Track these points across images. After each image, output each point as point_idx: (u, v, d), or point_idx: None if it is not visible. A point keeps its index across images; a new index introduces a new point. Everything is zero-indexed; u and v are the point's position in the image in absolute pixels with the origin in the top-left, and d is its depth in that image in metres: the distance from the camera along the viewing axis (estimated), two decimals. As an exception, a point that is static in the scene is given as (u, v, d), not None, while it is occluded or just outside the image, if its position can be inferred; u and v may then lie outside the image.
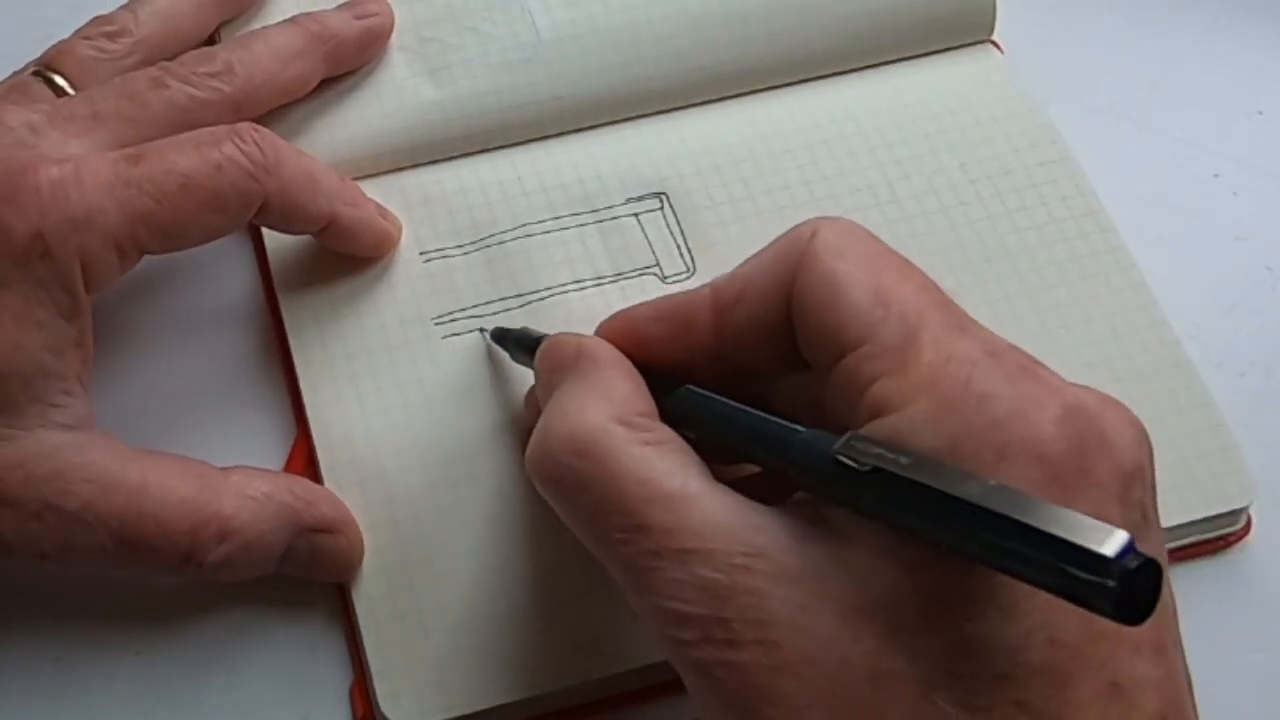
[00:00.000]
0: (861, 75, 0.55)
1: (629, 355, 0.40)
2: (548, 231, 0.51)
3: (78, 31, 0.49)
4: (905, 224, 0.51)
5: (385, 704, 0.43)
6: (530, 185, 0.52)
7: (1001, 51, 0.56)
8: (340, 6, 0.53)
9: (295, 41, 0.50)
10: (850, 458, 0.33)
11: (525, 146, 0.53)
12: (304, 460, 0.48)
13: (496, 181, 0.52)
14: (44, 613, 0.45)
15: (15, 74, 0.49)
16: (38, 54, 0.49)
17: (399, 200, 0.51)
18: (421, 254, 0.50)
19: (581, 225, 0.51)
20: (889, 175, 0.52)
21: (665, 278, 0.50)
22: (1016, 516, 0.30)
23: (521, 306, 0.49)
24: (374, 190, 0.51)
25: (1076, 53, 0.58)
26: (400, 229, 0.50)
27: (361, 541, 0.45)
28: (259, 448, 0.48)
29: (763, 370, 0.40)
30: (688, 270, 0.50)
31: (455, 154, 0.52)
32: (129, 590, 0.45)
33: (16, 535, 0.41)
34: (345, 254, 0.50)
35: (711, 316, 0.40)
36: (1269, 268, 0.53)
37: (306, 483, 0.46)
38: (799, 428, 0.36)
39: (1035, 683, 0.32)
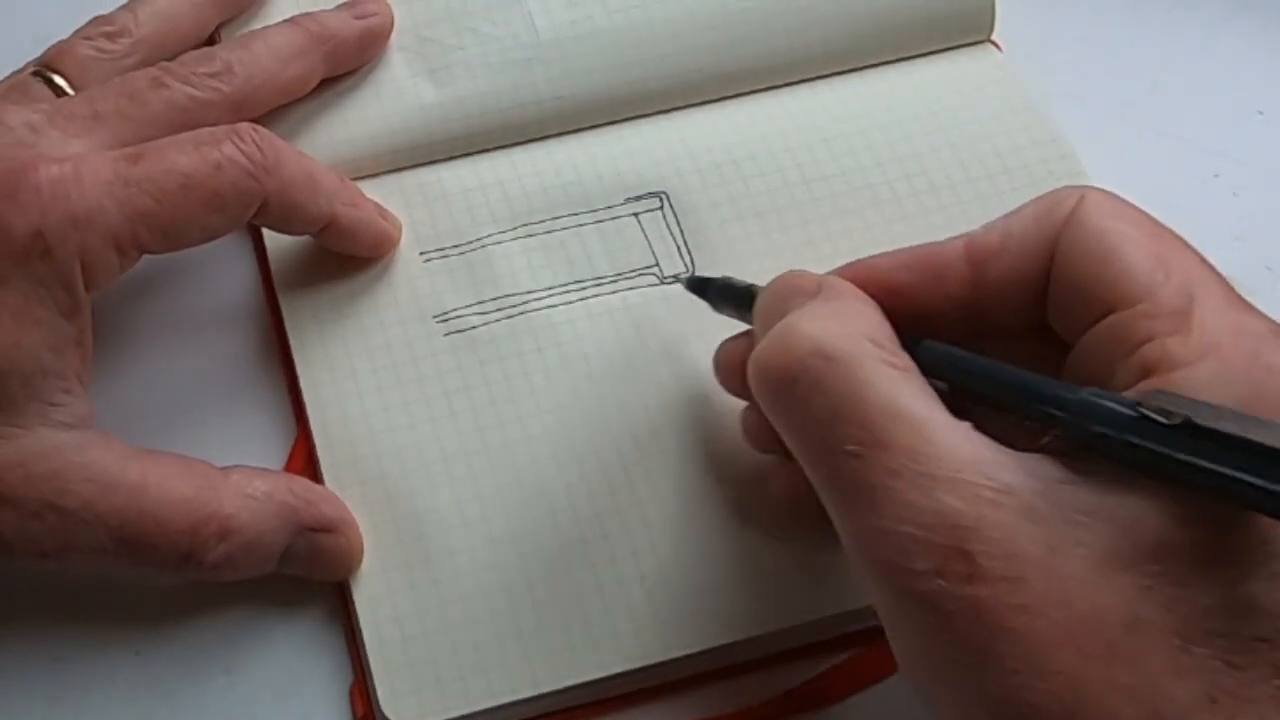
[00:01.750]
0: (861, 75, 0.55)
1: (881, 299, 0.39)
2: (548, 231, 0.51)
3: (77, 31, 0.49)
4: (905, 223, 0.51)
5: (385, 704, 0.43)
6: (530, 185, 0.52)
7: (1001, 51, 0.56)
8: (340, 6, 0.53)
9: (295, 41, 0.50)
10: (1157, 411, 0.33)
11: (525, 146, 0.53)
12: (304, 460, 0.48)
13: (496, 181, 0.52)
14: (44, 613, 0.45)
15: (15, 74, 0.49)
16: (38, 54, 0.49)
17: (399, 200, 0.51)
18: (421, 254, 0.50)
19: (581, 225, 0.51)
20: (889, 175, 0.52)
21: (665, 278, 0.50)
22: None
23: (521, 306, 0.49)
24: (374, 190, 0.51)
25: (1076, 53, 0.58)
26: (400, 229, 0.50)
27: (361, 541, 0.45)
28: (259, 447, 0.48)
29: (1008, 329, 0.39)
30: (687, 270, 0.50)
31: (455, 154, 0.52)
32: (129, 590, 0.45)
33: (16, 535, 0.41)
34: (345, 254, 0.49)
35: (967, 268, 0.39)
36: (1269, 268, 0.53)
37: (306, 482, 0.46)
38: (1072, 385, 0.35)
39: None
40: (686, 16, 0.53)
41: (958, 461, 0.34)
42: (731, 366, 0.43)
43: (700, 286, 0.46)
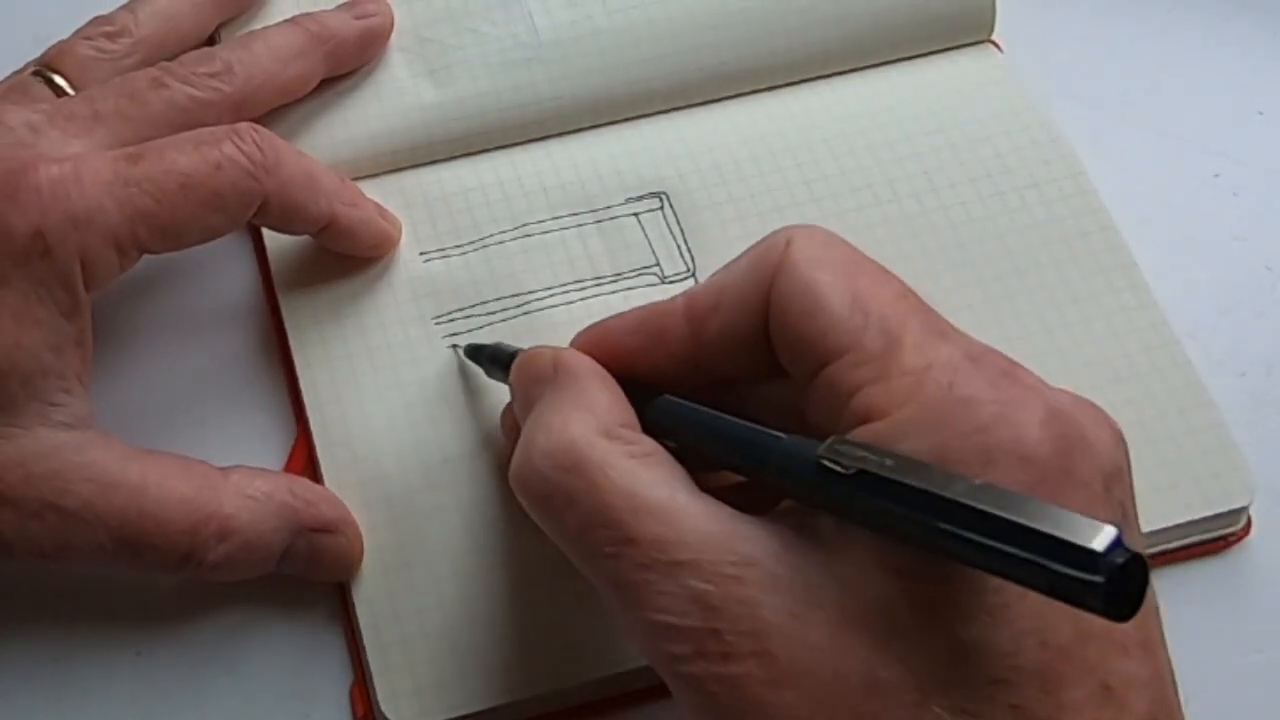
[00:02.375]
0: (861, 75, 0.55)
1: (606, 367, 0.40)
2: (548, 231, 0.51)
3: (78, 31, 0.49)
4: (905, 223, 0.51)
5: (385, 704, 0.43)
6: (530, 185, 0.52)
7: (1001, 51, 0.56)
8: (340, 7, 0.53)
9: (295, 41, 0.50)
10: (834, 461, 0.33)
11: (525, 146, 0.53)
12: (304, 460, 0.48)
13: (496, 181, 0.52)
14: (44, 613, 0.45)
15: (15, 74, 0.49)
16: (38, 54, 0.49)
17: (399, 200, 0.51)
18: (421, 254, 0.50)
19: (581, 225, 0.51)
20: (889, 175, 0.52)
21: (665, 277, 0.50)
22: (1003, 514, 0.29)
23: (521, 306, 0.49)
24: (374, 190, 0.51)
25: (1076, 53, 0.58)
26: (400, 229, 0.50)
27: (361, 541, 0.45)
28: (259, 448, 0.48)
29: (740, 378, 0.40)
30: (688, 270, 0.50)
31: (455, 154, 0.52)
32: (129, 590, 0.45)
33: (16, 534, 0.42)
34: (345, 254, 0.49)
35: (686, 327, 0.39)
36: (1269, 268, 0.53)
37: (306, 482, 0.46)
38: (780, 434, 0.36)
39: (1029, 686, 0.32)
40: (686, 16, 0.53)
41: (700, 542, 0.34)
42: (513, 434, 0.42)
43: (474, 354, 0.47)
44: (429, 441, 0.47)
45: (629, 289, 0.50)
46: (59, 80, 0.48)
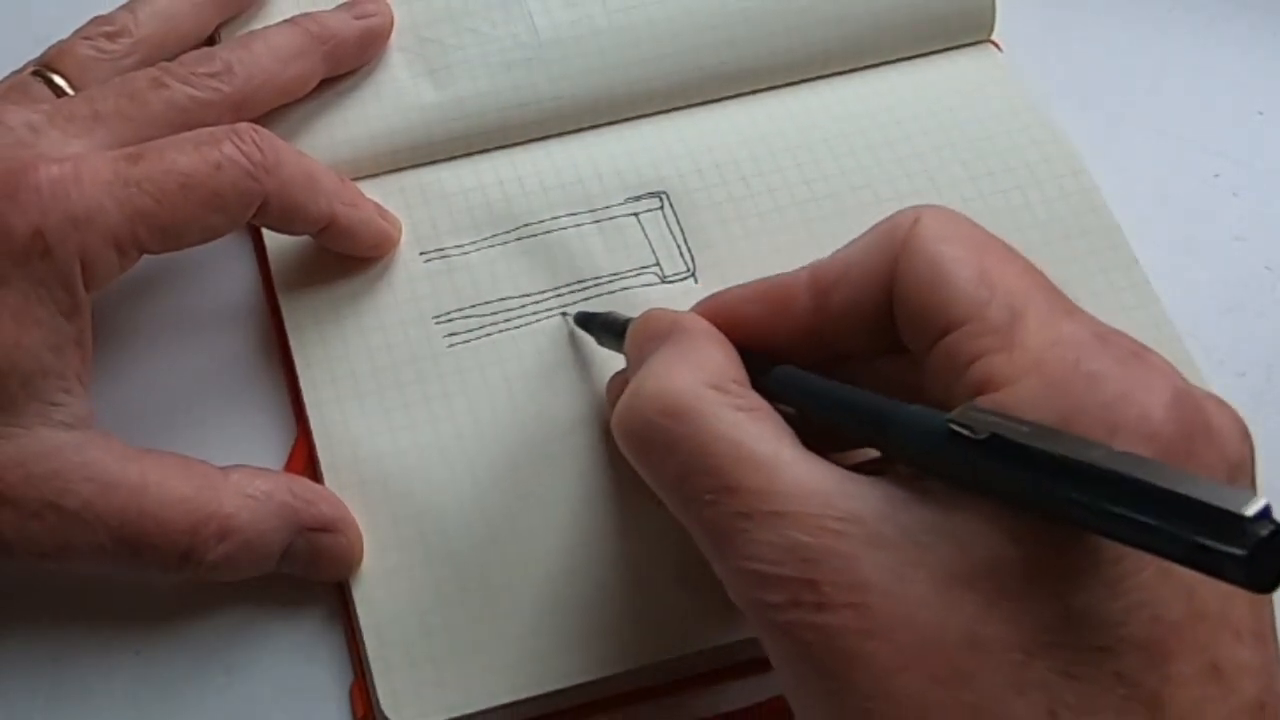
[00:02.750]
0: (861, 75, 0.55)
1: (724, 335, 0.40)
2: (548, 231, 0.51)
3: (77, 31, 0.49)
4: (905, 223, 0.51)
5: (386, 704, 0.43)
6: (530, 185, 0.52)
7: (1001, 51, 0.56)
8: (339, 7, 0.53)
9: (295, 42, 0.50)
10: (965, 426, 0.33)
11: (525, 146, 0.53)
12: (304, 460, 0.48)
13: (496, 181, 0.52)
14: (44, 613, 0.45)
15: (15, 74, 0.49)
16: (38, 54, 0.49)
17: (399, 200, 0.51)
18: (422, 254, 0.50)
19: (581, 225, 0.51)
20: (890, 174, 0.52)
21: (665, 277, 0.50)
22: (1147, 479, 0.29)
23: (522, 306, 0.49)
24: (374, 190, 0.51)
25: (1076, 53, 0.58)
26: (400, 229, 0.50)
27: (361, 540, 0.45)
28: (259, 448, 0.48)
29: (858, 353, 0.40)
30: (687, 269, 0.50)
31: (455, 154, 0.52)
32: (129, 590, 0.45)
33: (16, 534, 0.42)
34: (345, 254, 0.49)
35: (810, 299, 0.40)
36: (1269, 268, 0.53)
37: (306, 482, 0.46)
38: (901, 404, 0.36)
39: (1136, 657, 0.32)
40: (686, 16, 0.53)
41: (803, 496, 0.35)
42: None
43: (584, 321, 0.47)
44: (429, 441, 0.47)
45: (628, 288, 0.50)
46: (59, 80, 0.48)
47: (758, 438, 0.36)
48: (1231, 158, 0.55)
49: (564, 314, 0.49)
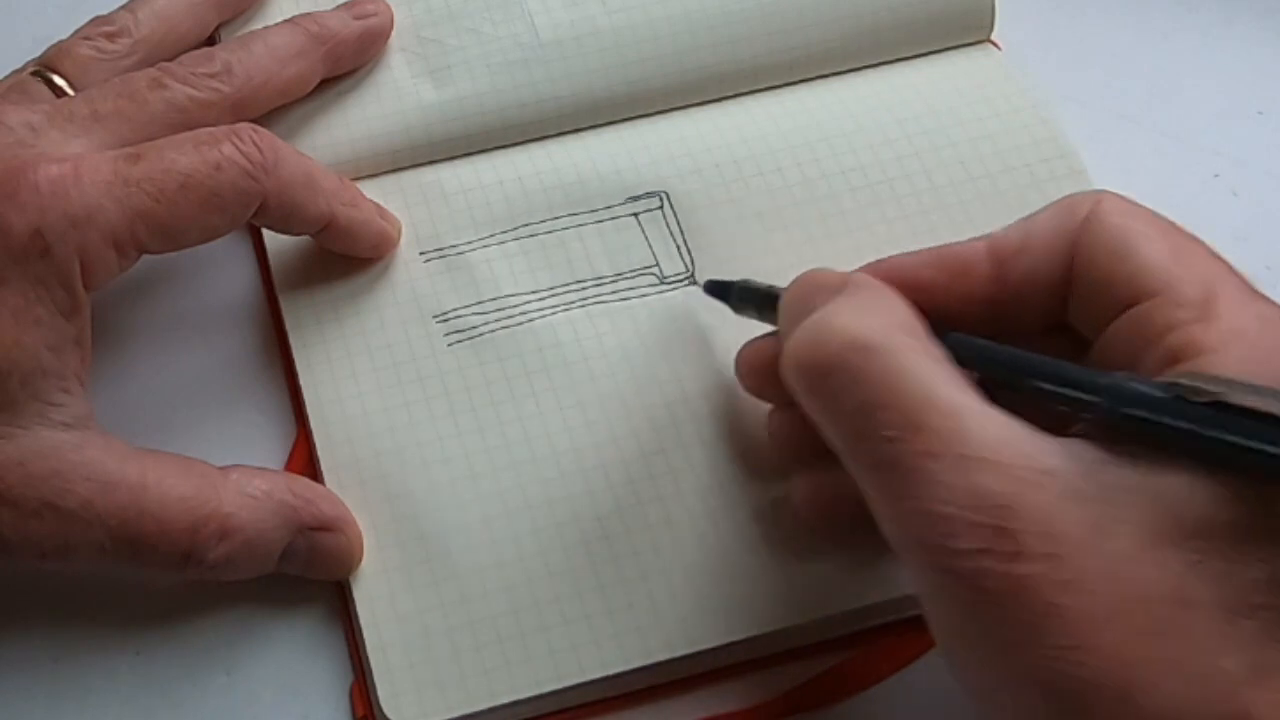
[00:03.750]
0: (862, 75, 0.55)
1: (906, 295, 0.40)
2: (548, 231, 0.51)
3: (77, 31, 0.49)
4: (905, 222, 0.51)
5: (386, 704, 0.43)
6: (530, 185, 0.52)
7: (1001, 51, 0.56)
8: (339, 6, 0.53)
9: (294, 42, 0.50)
10: (1188, 391, 0.34)
11: (525, 146, 0.53)
12: (304, 460, 0.48)
13: (497, 181, 0.52)
14: (44, 613, 0.45)
15: (14, 73, 0.49)
16: (38, 54, 0.49)
17: (399, 200, 0.51)
18: (421, 253, 0.50)
19: (581, 225, 0.51)
20: (889, 174, 0.52)
21: (664, 278, 0.50)
22: None
23: (521, 306, 0.49)
24: (374, 190, 0.51)
25: (1076, 53, 0.58)
26: (400, 229, 0.50)
27: (361, 540, 0.45)
28: (259, 447, 0.48)
29: (1024, 327, 0.40)
30: (687, 270, 0.50)
31: (455, 154, 0.52)
32: (129, 590, 0.46)
33: (15, 534, 0.41)
34: (345, 254, 0.49)
35: (990, 266, 0.40)
36: (1269, 267, 0.52)
37: (305, 481, 0.46)
38: (1099, 370, 0.36)
39: None
40: (686, 16, 0.53)
41: (995, 445, 0.34)
42: (754, 368, 0.44)
43: (720, 290, 0.47)
44: (429, 441, 0.47)
45: (629, 289, 0.50)
46: (58, 80, 0.48)
47: (948, 383, 0.36)
48: (1231, 158, 0.55)
49: (693, 281, 0.49)
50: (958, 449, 0.34)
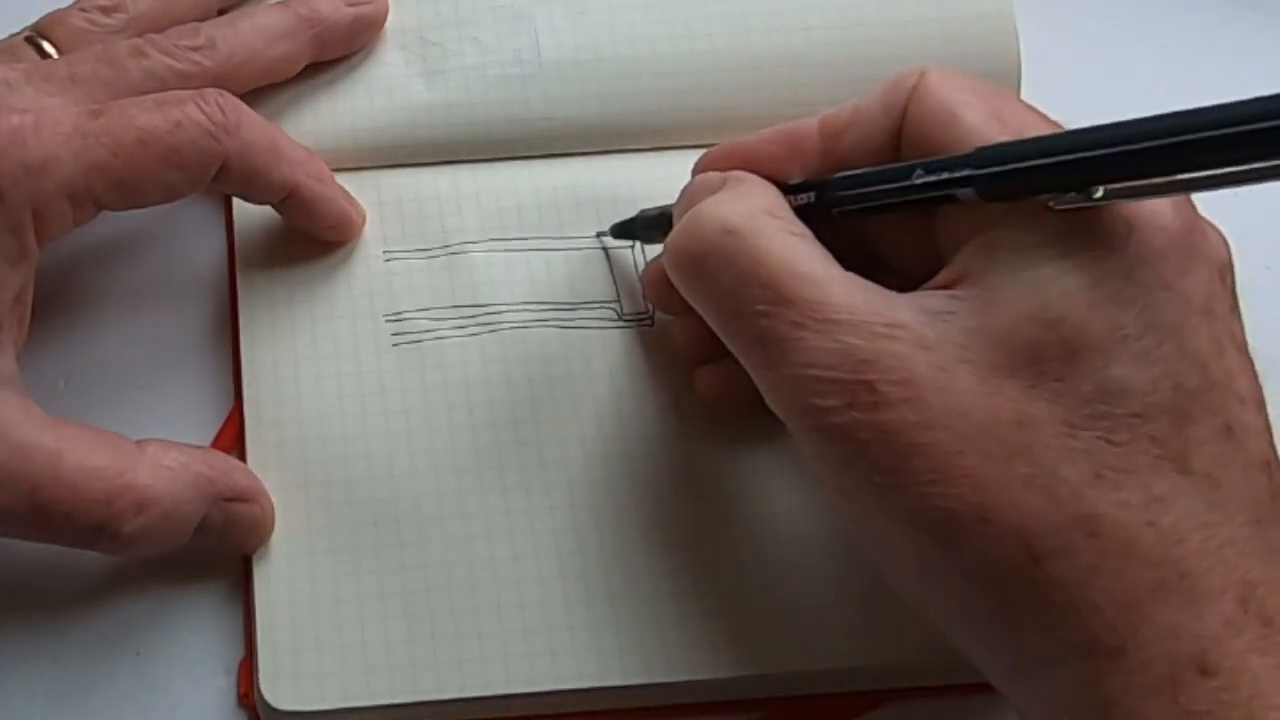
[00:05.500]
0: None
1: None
2: (515, 250, 0.51)
3: (75, 2, 0.50)
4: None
5: (265, 686, 0.43)
6: (505, 202, 0.52)
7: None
8: (334, -9, 0.53)
9: (282, 22, 0.50)
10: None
11: (507, 163, 0.52)
12: (234, 436, 0.48)
13: (473, 193, 0.52)
14: (44, 613, 0.46)
15: (9, 38, 0.49)
16: (36, 23, 0.50)
17: (371, 196, 0.51)
18: (385, 252, 0.50)
19: (549, 249, 0.51)
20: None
21: (623, 315, 0.50)
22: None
23: (473, 317, 0.49)
24: (349, 184, 0.50)
25: (1077, 53, 0.57)
26: (364, 216, 0.50)
27: (274, 513, 0.46)
28: (196, 418, 0.49)
29: None
30: (647, 312, 0.50)
31: (436, 160, 0.52)
32: (130, 591, 0.46)
33: None
34: (307, 233, 0.50)
35: (820, 141, 0.43)
36: (1269, 267, 0.53)
37: (221, 454, 0.46)
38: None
39: (1164, 421, 0.36)
40: (692, 57, 0.53)
41: (853, 307, 0.38)
42: (655, 279, 0.46)
43: (626, 229, 0.49)
44: (356, 436, 0.47)
45: (586, 320, 0.50)
46: (47, 47, 0.48)
47: (808, 257, 0.39)
48: None
49: (599, 234, 0.51)
50: (820, 315, 0.38)
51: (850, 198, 0.42)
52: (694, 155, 0.51)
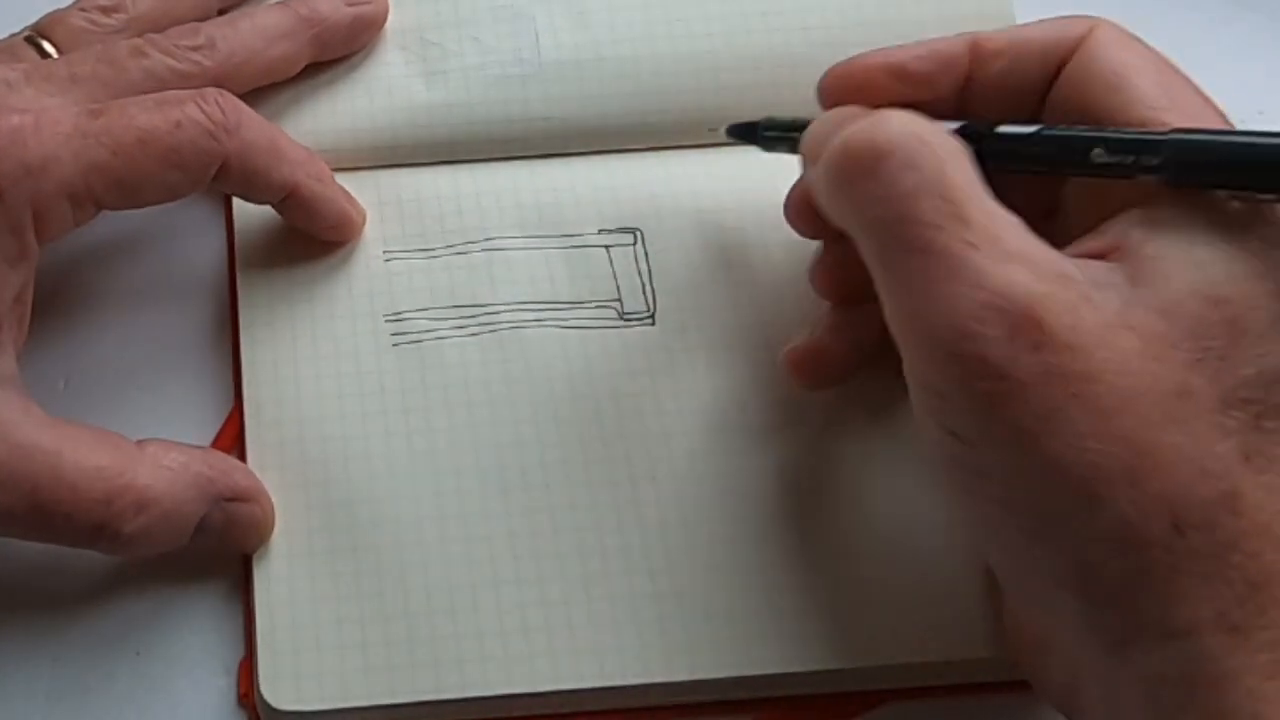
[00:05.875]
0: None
1: (887, 88, 0.44)
2: (516, 249, 0.51)
3: (75, 2, 0.50)
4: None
5: (265, 685, 0.43)
6: (506, 201, 0.51)
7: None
8: (334, -9, 0.53)
9: (283, 22, 0.50)
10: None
11: (507, 162, 0.52)
12: (234, 436, 0.48)
13: (473, 193, 0.52)
14: (44, 613, 0.46)
15: (9, 37, 0.49)
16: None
17: (372, 196, 0.51)
18: (385, 252, 0.50)
19: (549, 249, 0.51)
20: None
21: (624, 314, 0.50)
22: None
23: (473, 317, 0.49)
24: (349, 184, 0.50)
25: None
26: (364, 216, 0.50)
27: (274, 512, 0.46)
28: (192, 419, 0.48)
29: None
30: (648, 310, 0.50)
31: (436, 159, 0.52)
32: (130, 591, 0.46)
33: None
34: (308, 234, 0.50)
35: (967, 62, 0.43)
36: None
37: (221, 454, 0.46)
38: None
39: None
40: (693, 57, 0.53)
41: (1025, 247, 0.37)
42: (800, 205, 0.45)
43: (746, 130, 0.48)
44: (356, 436, 0.47)
45: (586, 319, 0.49)
46: (47, 46, 0.48)
47: (985, 192, 0.38)
48: None
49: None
50: (998, 244, 0.37)
51: (1012, 154, 0.41)
52: (694, 155, 0.53)
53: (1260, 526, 0.35)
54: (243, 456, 0.47)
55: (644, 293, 0.50)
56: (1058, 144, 0.40)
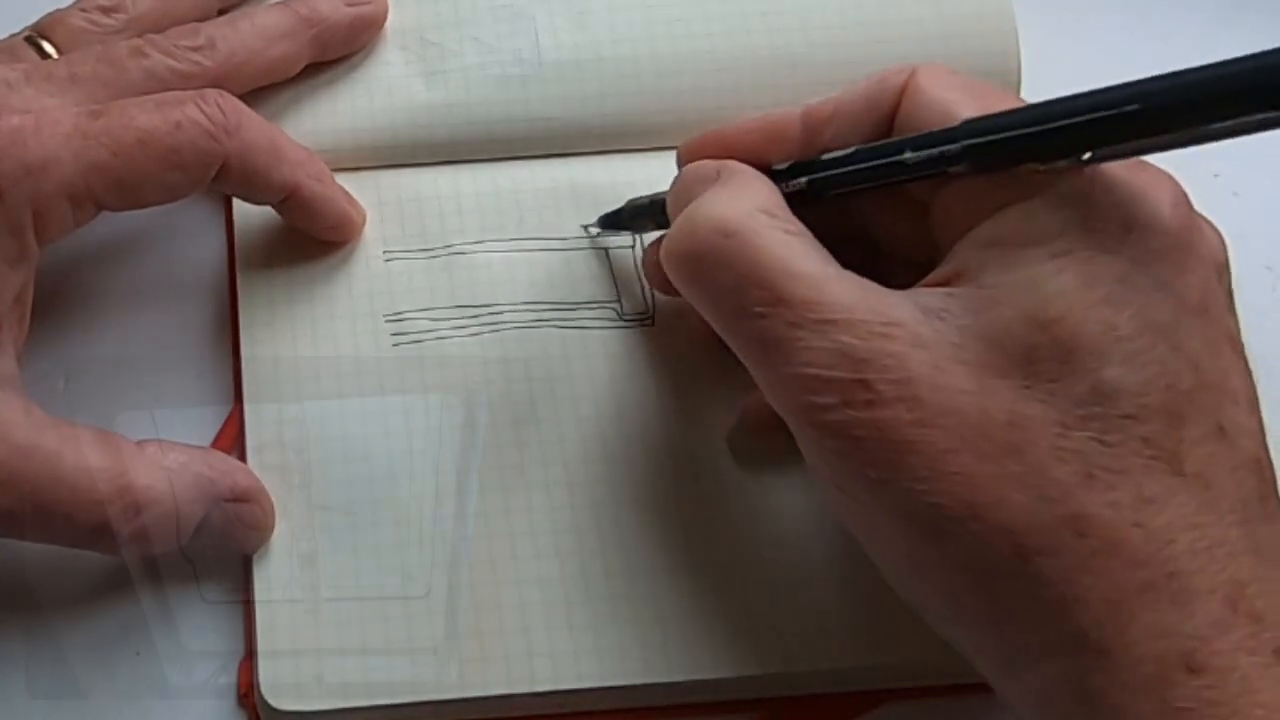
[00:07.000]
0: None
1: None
2: (516, 250, 0.51)
3: (75, 3, 0.50)
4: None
5: (265, 685, 0.44)
6: (505, 202, 0.51)
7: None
8: (334, -9, 0.53)
9: (282, 22, 0.50)
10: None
11: (508, 163, 0.52)
12: (234, 436, 0.48)
13: (473, 193, 0.52)
14: (43, 613, 0.46)
15: (9, 38, 0.49)
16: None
17: (372, 197, 0.51)
18: (385, 252, 0.50)
19: (549, 249, 0.51)
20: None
21: (623, 315, 0.50)
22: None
23: (474, 317, 0.49)
24: (349, 184, 0.50)
25: (1077, 53, 0.57)
26: (364, 216, 0.50)
27: (274, 512, 0.46)
28: (196, 418, 0.48)
29: None
30: (647, 311, 0.50)
31: (436, 160, 0.52)
32: (130, 591, 0.46)
33: None
34: (308, 234, 0.50)
35: (801, 132, 0.44)
36: (1269, 267, 0.53)
37: (220, 454, 0.46)
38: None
39: (1157, 421, 0.36)
40: (693, 57, 0.53)
41: (849, 306, 0.38)
42: (655, 266, 0.46)
43: (613, 220, 0.50)
44: (355, 436, 0.47)
45: (586, 320, 0.50)
46: (47, 47, 0.48)
47: (804, 256, 0.39)
48: (1231, 158, 0.53)
49: (584, 227, 0.51)
50: (817, 315, 0.38)
51: (840, 178, 0.42)
52: (694, 155, 0.53)
53: (1108, 545, 0.36)
54: (243, 456, 0.47)
55: (644, 294, 0.50)
56: (873, 154, 0.41)
